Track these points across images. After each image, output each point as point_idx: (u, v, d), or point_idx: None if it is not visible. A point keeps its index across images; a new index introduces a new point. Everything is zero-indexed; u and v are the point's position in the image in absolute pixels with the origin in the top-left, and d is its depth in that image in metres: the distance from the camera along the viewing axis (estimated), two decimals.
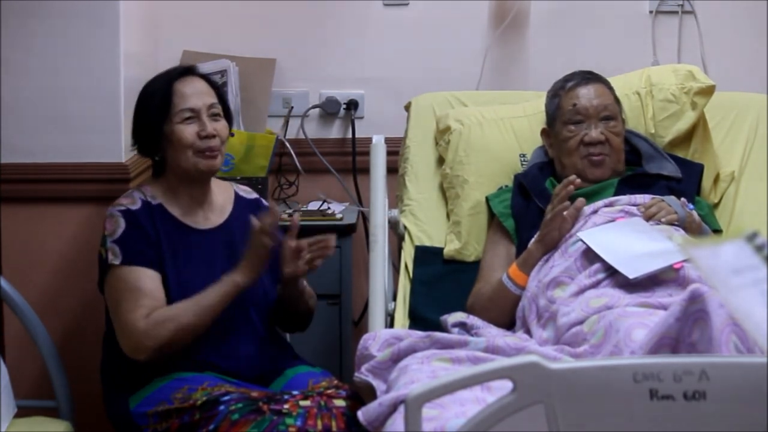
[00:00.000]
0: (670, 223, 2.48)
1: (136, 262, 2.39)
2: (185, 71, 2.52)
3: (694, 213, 2.54)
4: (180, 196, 2.50)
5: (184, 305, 2.36)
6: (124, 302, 2.37)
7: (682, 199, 2.56)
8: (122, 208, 2.44)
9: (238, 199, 2.61)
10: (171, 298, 2.39)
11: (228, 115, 2.53)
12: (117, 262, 2.39)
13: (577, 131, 2.64)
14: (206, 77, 2.54)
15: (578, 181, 2.48)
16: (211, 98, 2.49)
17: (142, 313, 2.34)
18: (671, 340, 1.89)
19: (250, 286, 2.40)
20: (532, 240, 2.54)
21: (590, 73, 2.73)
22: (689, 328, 1.87)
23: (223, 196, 2.58)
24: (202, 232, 2.48)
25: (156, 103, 2.45)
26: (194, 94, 2.47)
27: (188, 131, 2.44)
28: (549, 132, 2.74)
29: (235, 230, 2.50)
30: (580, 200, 2.52)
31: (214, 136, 2.45)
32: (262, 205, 2.64)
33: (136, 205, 2.45)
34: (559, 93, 2.71)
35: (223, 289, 2.37)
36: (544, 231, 2.49)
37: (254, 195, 2.66)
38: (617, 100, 2.71)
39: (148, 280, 2.38)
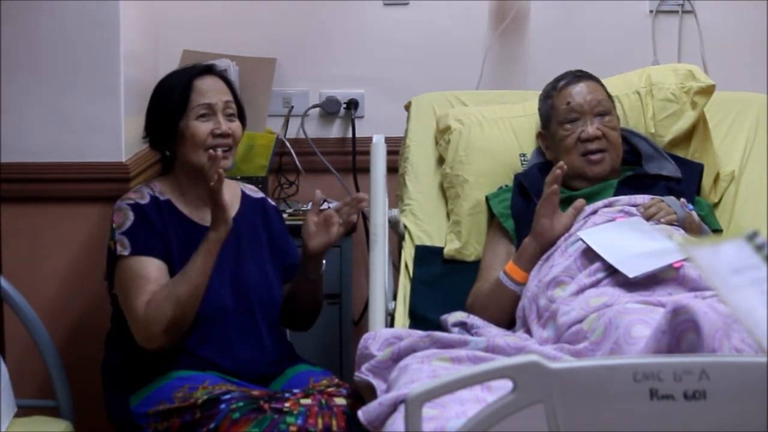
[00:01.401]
0: (670, 224, 2.48)
1: (145, 252, 2.39)
2: (205, 69, 2.53)
3: (694, 213, 2.54)
4: (188, 193, 2.51)
5: (174, 280, 2.36)
6: (130, 291, 2.37)
7: (682, 199, 2.56)
8: (131, 201, 2.45)
9: (245, 197, 2.61)
10: None
11: (242, 116, 2.54)
12: (126, 252, 2.39)
13: (573, 129, 2.64)
14: (224, 77, 2.55)
15: (566, 167, 2.47)
16: (228, 96, 2.50)
17: (144, 300, 2.34)
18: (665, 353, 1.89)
19: (226, 234, 2.36)
20: None
21: (581, 71, 2.73)
22: (677, 339, 1.86)
23: (230, 195, 2.57)
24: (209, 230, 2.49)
25: (174, 98, 2.46)
26: (212, 90, 2.48)
27: (203, 128, 2.45)
28: (545, 134, 2.74)
29: (241, 228, 2.50)
30: (580, 201, 2.52)
31: (228, 135, 2.46)
32: (268, 204, 2.65)
33: (145, 200, 2.46)
34: (551, 94, 2.71)
35: (203, 249, 2.35)
36: (535, 220, 2.49)
37: (260, 194, 2.67)
38: (609, 97, 2.71)
39: (153, 268, 2.38)
